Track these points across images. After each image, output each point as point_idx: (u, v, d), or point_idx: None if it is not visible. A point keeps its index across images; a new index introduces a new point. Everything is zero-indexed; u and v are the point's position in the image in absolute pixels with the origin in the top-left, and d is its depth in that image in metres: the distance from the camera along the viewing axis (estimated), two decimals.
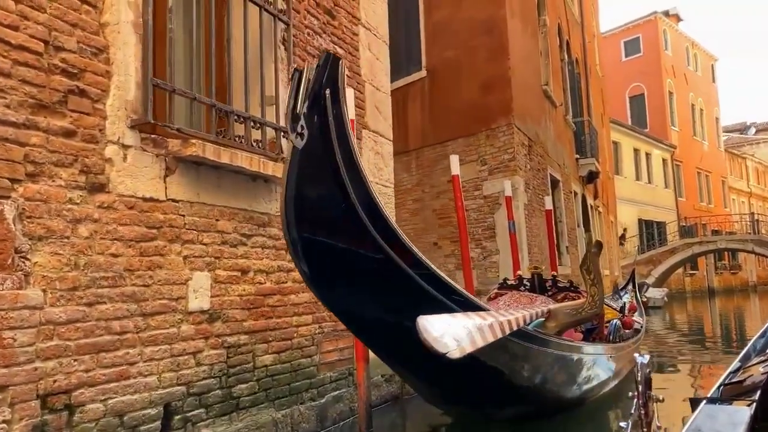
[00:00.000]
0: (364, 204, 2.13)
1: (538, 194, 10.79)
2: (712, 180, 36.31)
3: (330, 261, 2.16)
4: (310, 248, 2.08)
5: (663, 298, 20.66)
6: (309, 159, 1.94)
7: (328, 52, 1.96)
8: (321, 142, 1.94)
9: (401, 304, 2.39)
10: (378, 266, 2.25)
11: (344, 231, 2.13)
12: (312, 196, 2.02)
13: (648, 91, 33.24)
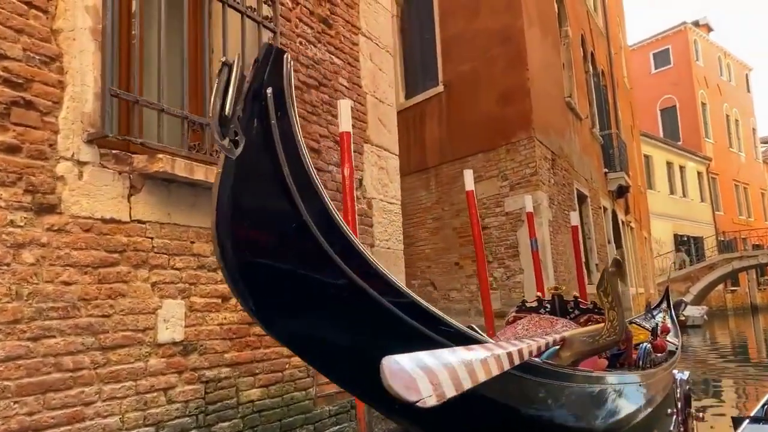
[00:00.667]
0: (322, 222, 1.80)
1: (563, 210, 10.34)
2: (751, 192, 35.00)
3: (281, 292, 1.84)
4: (254, 277, 1.77)
5: (702, 316, 19.72)
6: (247, 171, 1.63)
7: (269, 45, 1.66)
8: (262, 150, 1.62)
9: (373, 339, 2.04)
10: (341, 294, 1.92)
11: (297, 255, 1.80)
12: (253, 215, 1.70)
13: (680, 103, 32.35)
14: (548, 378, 2.84)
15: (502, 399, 2.60)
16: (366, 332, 2.06)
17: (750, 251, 25.67)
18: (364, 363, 1.93)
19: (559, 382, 2.93)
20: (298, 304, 1.91)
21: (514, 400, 2.71)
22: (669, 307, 9.96)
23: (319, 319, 1.98)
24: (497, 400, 2.56)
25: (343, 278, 1.89)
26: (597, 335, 3.07)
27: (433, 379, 1.73)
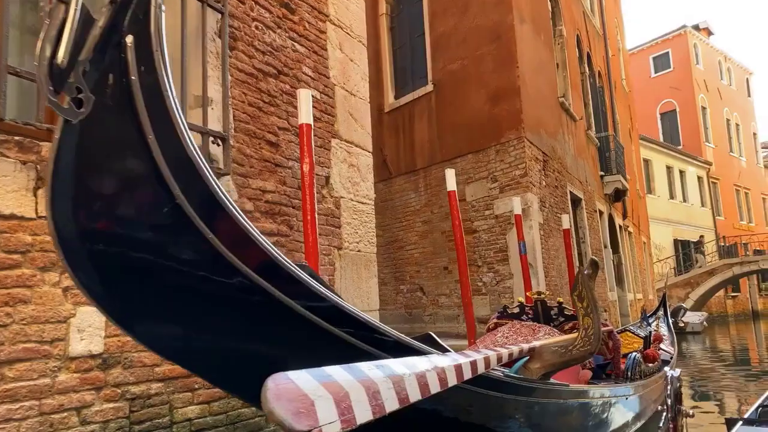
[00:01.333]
0: (205, 207, 1.46)
1: (555, 213, 10.01)
2: (752, 197, 34.64)
3: (150, 292, 1.51)
4: (110, 273, 1.44)
5: (702, 322, 19.35)
6: (98, 138, 1.29)
7: None
8: (118, 113, 1.28)
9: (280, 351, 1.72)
10: (234, 296, 1.59)
11: (169, 247, 1.47)
12: (107, 196, 1.36)
13: (680, 107, 32.05)
14: (512, 393, 2.51)
15: (451, 419, 2.27)
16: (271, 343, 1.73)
17: (751, 256, 25.29)
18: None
19: (525, 397, 2.60)
20: (174, 306, 1.57)
21: (468, 419, 2.38)
22: (666, 314, 9.63)
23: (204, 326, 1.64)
24: (445, 420, 2.24)
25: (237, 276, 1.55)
26: (570, 345, 2.75)
27: (342, 400, 1.40)
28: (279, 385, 1.31)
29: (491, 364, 2.34)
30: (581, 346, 2.70)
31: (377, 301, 4.84)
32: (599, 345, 2.76)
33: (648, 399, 5.24)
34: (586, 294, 2.77)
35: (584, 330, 2.74)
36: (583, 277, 2.77)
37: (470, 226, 9.70)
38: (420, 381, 1.74)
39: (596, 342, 2.71)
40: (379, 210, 11.52)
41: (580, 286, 2.79)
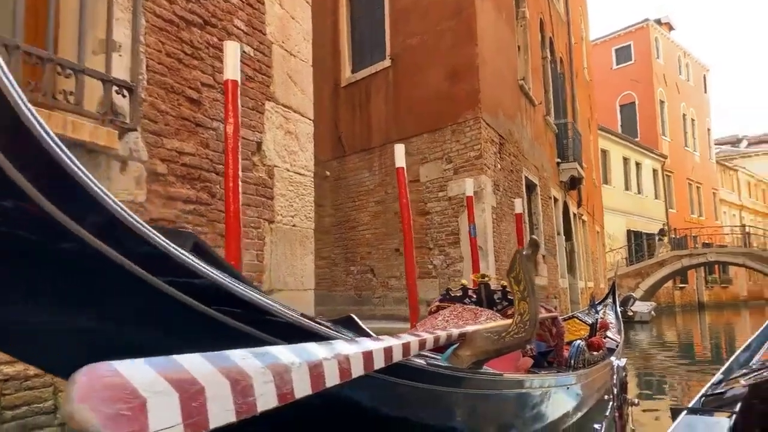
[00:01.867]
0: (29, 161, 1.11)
1: (509, 197, 9.85)
2: (704, 192, 35.53)
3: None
4: None
5: (650, 312, 19.72)
6: None
7: None
8: None
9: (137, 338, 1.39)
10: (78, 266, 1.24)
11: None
12: None
13: (639, 100, 32.49)
14: (436, 384, 2.24)
15: (364, 414, 1.99)
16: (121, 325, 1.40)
17: (700, 249, 25.93)
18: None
19: (451, 388, 2.34)
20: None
21: (385, 413, 2.11)
22: (614, 302, 9.62)
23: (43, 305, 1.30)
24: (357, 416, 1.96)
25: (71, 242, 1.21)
26: (503, 332, 2.50)
27: (192, 397, 1.09)
28: (95, 378, 0.96)
29: (412, 351, 2.06)
30: (515, 333, 2.45)
31: (312, 281, 4.53)
32: (535, 332, 2.52)
33: (591, 388, 5.10)
34: (524, 276, 2.52)
35: (519, 315, 2.49)
36: (521, 258, 2.52)
37: (423, 207, 9.46)
38: (313, 372, 1.43)
39: (532, 329, 2.46)
40: (332, 188, 11.18)
41: (518, 268, 2.53)
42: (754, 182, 42.46)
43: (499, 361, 3.81)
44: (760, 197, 43.05)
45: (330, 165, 11.11)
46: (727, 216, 37.57)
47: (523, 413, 3.36)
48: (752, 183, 42.20)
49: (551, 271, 12.54)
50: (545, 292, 11.84)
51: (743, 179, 41.11)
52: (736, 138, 51.47)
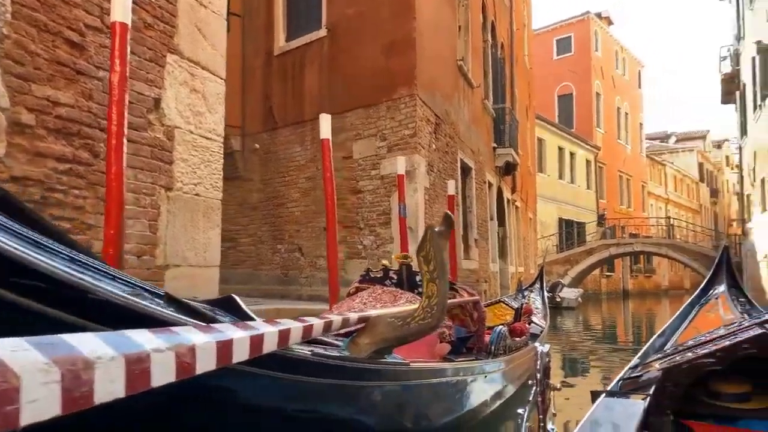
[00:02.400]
0: None
1: (443, 179, 9.66)
2: (633, 184, 36.79)
3: None
4: None
5: (577, 298, 20.21)
6: None
7: None
8: None
9: None
10: None
11: None
12: None
13: (576, 91, 33.15)
14: (322, 376, 1.94)
15: (230, 411, 1.68)
16: None
17: (626, 239, 26.81)
18: None
19: (341, 381, 2.05)
20: None
21: (261, 410, 1.79)
22: (542, 287, 9.64)
23: None
24: (221, 414, 1.64)
25: None
26: (409, 317, 2.23)
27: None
28: None
29: (292, 339, 1.74)
30: (421, 319, 2.19)
31: (218, 257, 4.14)
32: (443, 318, 2.26)
33: (513, 375, 4.95)
34: (434, 255, 2.24)
35: (427, 299, 2.22)
36: (433, 234, 2.25)
37: (355, 185, 9.14)
38: (132, 367, 1.09)
39: (440, 314, 2.19)
40: (262, 162, 10.69)
41: (428, 246, 2.26)
42: (680, 177, 44.37)
43: (413, 348, 3.56)
44: (684, 192, 45.06)
45: (260, 137, 10.62)
46: (653, 208, 39.12)
47: (435, 404, 3.12)
48: (678, 177, 44.07)
49: (482, 255, 12.51)
50: (475, 276, 11.80)
51: (670, 173, 42.86)
52: (666, 134, 53.53)
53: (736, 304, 3.99)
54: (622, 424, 1.89)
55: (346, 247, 9.16)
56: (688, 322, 3.94)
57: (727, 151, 53.07)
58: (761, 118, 14.93)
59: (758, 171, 15.76)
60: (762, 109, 14.72)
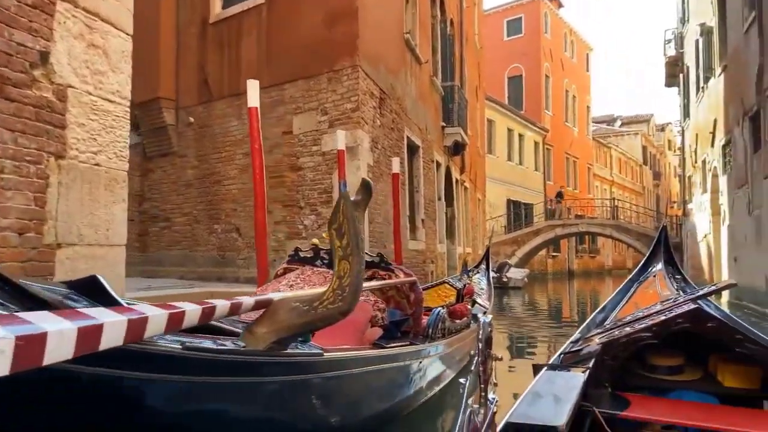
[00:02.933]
0: None
1: (389, 156, 9.32)
2: (579, 166, 37.39)
3: None
4: None
5: (523, 279, 20.34)
6: None
7: None
8: None
9: None
10: None
11: None
12: None
13: (526, 73, 33.26)
14: (206, 373, 1.60)
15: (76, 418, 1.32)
16: None
17: (572, 220, 27.21)
18: None
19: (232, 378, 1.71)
20: None
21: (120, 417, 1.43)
22: (487, 268, 9.47)
23: None
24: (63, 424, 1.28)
25: None
26: (317, 301, 1.90)
27: None
28: None
29: (151, 331, 1.38)
30: (331, 302, 1.85)
31: (124, 235, 3.69)
32: (356, 301, 1.92)
33: (452, 359, 4.69)
34: (348, 228, 1.91)
35: (338, 279, 1.88)
36: (346, 204, 1.91)
37: (295, 162, 8.71)
38: None
39: (352, 297, 1.86)
40: (197, 137, 10.11)
41: (341, 217, 1.92)
42: (625, 159, 45.43)
43: (338, 334, 3.23)
44: (628, 174, 46.20)
45: (195, 111, 10.02)
46: (598, 190, 39.94)
47: (361, 396, 2.81)
48: (623, 160, 45.12)
49: (429, 235, 12.30)
50: (422, 257, 11.58)
51: (615, 156, 43.81)
52: (611, 117, 54.66)
53: (672, 281, 4.07)
54: (563, 395, 1.92)
55: (286, 227, 8.75)
56: (627, 298, 4.04)
57: (670, 135, 54.72)
58: (703, 100, 15.18)
59: (699, 153, 16.07)
60: (704, 91, 14.95)
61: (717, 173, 13.87)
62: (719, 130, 13.37)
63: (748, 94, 10.68)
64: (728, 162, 12.81)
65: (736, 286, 13.20)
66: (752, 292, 10.89)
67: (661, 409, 2.13)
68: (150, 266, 10.67)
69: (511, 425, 1.65)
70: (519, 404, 1.81)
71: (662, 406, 2.18)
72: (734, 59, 11.80)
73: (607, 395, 2.24)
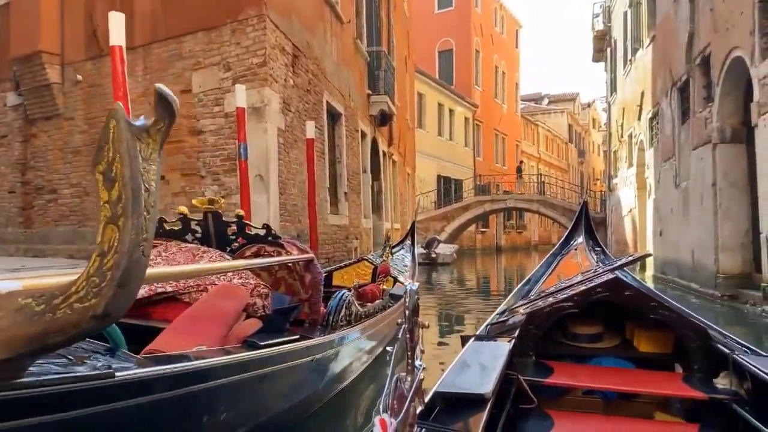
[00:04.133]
0: None
1: (305, 121, 8.44)
2: (508, 143, 37.53)
3: None
4: None
5: (452, 254, 20.01)
6: None
7: None
8: None
9: None
10: None
11: None
12: None
13: (457, 47, 32.75)
14: None
15: None
16: None
17: (501, 195, 27.17)
18: None
19: None
20: None
21: None
22: (413, 243, 8.83)
23: None
24: None
25: None
26: (60, 295, 1.10)
27: None
28: None
29: None
30: (80, 299, 1.06)
31: None
32: (132, 297, 1.12)
33: (360, 349, 3.97)
34: (122, 170, 1.10)
35: (98, 258, 1.09)
36: (120, 128, 1.11)
37: (195, 125, 7.70)
38: None
39: (116, 291, 1.05)
40: (86, 97, 8.84)
41: (110, 151, 1.11)
42: (551, 137, 46.13)
43: (194, 330, 2.43)
44: (554, 151, 47.00)
45: (83, 67, 8.76)
46: (526, 166, 40.31)
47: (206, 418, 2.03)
48: (549, 138, 45.79)
49: (354, 210, 11.55)
50: (345, 232, 10.82)
51: (542, 134, 44.37)
52: (539, 95, 55.40)
53: (593, 253, 4.23)
54: (489, 364, 1.94)
55: (185, 198, 7.75)
56: (550, 270, 4.17)
57: (594, 114, 56.12)
58: (631, 73, 15.04)
59: (626, 127, 16.01)
60: (632, 63, 14.80)
61: (643, 147, 13.77)
62: (646, 102, 13.22)
63: (676, 64, 10.44)
64: (655, 135, 12.68)
65: (651, 257, 13.49)
66: (676, 265, 10.79)
67: (582, 375, 2.23)
68: (36, 244, 9.41)
69: (439, 395, 1.65)
70: (447, 374, 1.83)
71: (583, 372, 2.28)
72: (663, 28, 11.55)
73: (531, 363, 2.31)
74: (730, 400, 1.95)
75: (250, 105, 7.20)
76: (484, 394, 1.64)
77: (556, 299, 2.42)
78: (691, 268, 9.76)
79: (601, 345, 2.53)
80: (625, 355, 2.45)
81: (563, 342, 2.56)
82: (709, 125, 8.83)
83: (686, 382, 2.13)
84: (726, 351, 2.09)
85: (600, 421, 2.13)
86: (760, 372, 1.85)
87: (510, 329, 2.45)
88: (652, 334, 2.42)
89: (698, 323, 2.24)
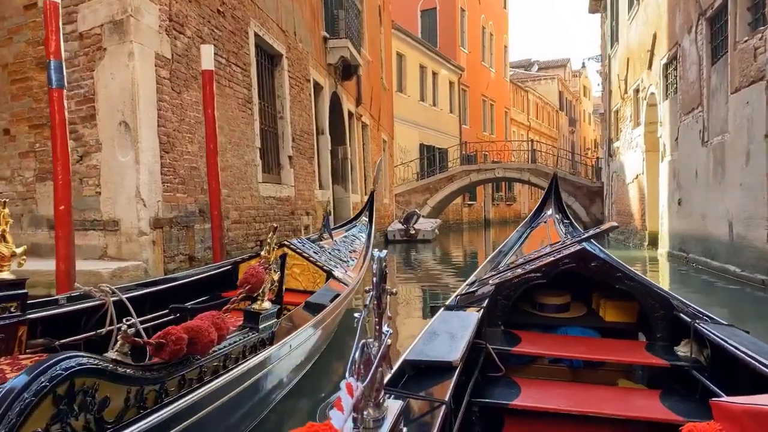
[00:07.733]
0: None
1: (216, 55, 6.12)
2: (496, 110, 35.19)
3: None
4: None
5: (434, 230, 17.83)
6: None
7: None
8: None
9: None
10: None
11: None
12: None
13: (440, 5, 30.14)
14: None
15: None
16: None
17: (489, 164, 24.96)
18: None
19: None
20: None
21: None
22: (371, 219, 6.65)
23: None
24: None
25: None
26: None
27: None
28: None
29: None
30: None
31: None
32: None
33: None
34: None
35: None
36: None
37: (44, 54, 5.36)
38: None
39: None
40: None
41: None
42: (542, 104, 43.85)
43: None
44: (545, 119, 44.76)
45: None
46: (515, 135, 38.03)
47: None
48: (540, 105, 43.49)
49: (303, 179, 9.29)
50: (290, 206, 8.57)
51: (532, 101, 42.04)
52: (529, 62, 53.08)
53: (561, 225, 4.28)
54: (458, 333, 1.95)
55: (36, 160, 5.46)
56: (520, 242, 4.20)
57: (585, 82, 53.85)
58: (638, 15, 12.73)
59: (631, 80, 13.77)
60: (640, 2, 12.49)
61: (655, 101, 11.54)
62: (660, 46, 10.96)
63: None
64: (671, 84, 10.46)
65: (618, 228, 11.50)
66: (703, 242, 8.66)
67: (548, 344, 2.30)
68: None
69: (408, 362, 1.66)
70: (416, 343, 1.84)
71: (550, 341, 2.35)
72: None
73: (499, 333, 2.38)
74: (690, 367, 2.02)
75: (108, 18, 4.88)
76: (452, 362, 1.65)
77: (525, 270, 2.46)
78: (728, 245, 7.63)
79: (568, 315, 2.58)
80: (591, 325, 2.51)
81: (531, 312, 2.62)
82: (760, 56, 6.62)
83: (649, 350, 2.18)
84: (687, 320, 2.13)
85: (565, 388, 2.16)
86: (719, 339, 1.88)
87: (479, 299, 2.47)
88: (617, 304, 2.47)
89: (662, 293, 2.29)
